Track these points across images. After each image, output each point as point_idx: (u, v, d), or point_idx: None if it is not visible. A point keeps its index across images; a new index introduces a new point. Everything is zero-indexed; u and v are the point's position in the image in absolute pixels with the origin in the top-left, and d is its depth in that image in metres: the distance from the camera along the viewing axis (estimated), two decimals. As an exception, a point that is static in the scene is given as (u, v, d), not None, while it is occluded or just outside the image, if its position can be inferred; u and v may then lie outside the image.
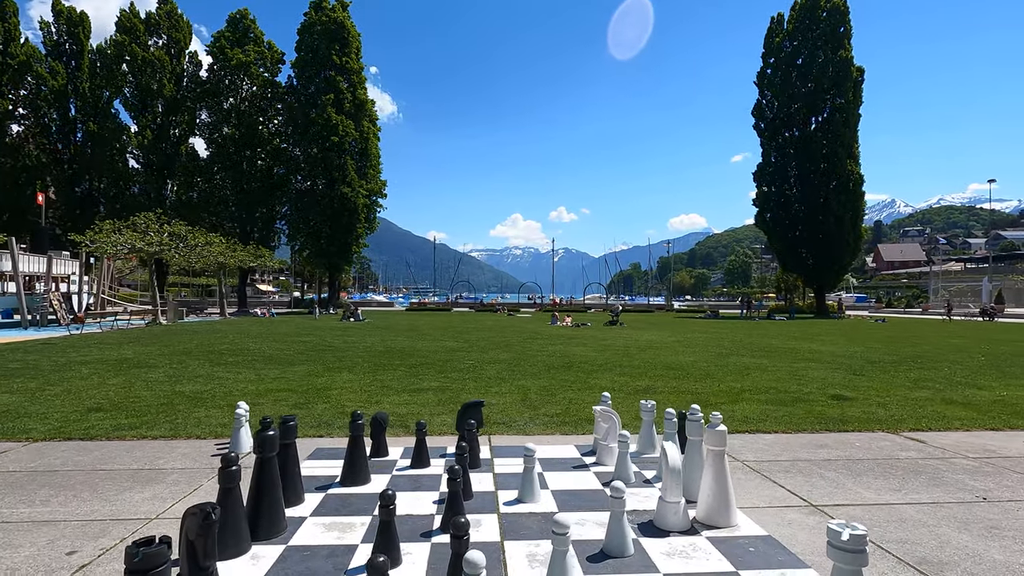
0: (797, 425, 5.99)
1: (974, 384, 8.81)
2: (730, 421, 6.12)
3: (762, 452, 4.99)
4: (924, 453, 4.99)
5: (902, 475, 4.35)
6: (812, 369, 10.40)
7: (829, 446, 5.21)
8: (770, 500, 3.79)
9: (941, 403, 7.22)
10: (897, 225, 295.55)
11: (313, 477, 4.16)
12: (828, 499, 3.81)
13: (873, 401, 7.31)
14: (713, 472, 3.40)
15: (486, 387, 8.17)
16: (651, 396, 7.57)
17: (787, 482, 4.16)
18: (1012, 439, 5.54)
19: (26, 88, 37.70)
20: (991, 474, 4.40)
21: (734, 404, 7.08)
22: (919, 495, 3.90)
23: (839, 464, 4.63)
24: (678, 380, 8.95)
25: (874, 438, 5.53)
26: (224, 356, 11.65)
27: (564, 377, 9.14)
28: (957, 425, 6.06)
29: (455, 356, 12.08)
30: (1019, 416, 6.49)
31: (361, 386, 8.15)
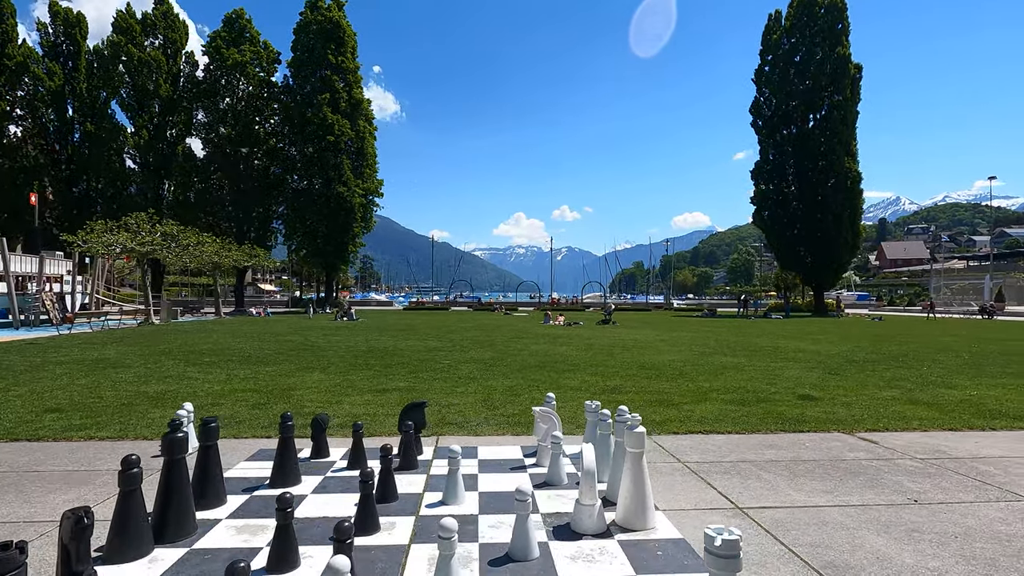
0: (754, 425, 5.95)
1: (947, 383, 8.74)
2: (688, 422, 6.08)
3: (709, 453, 4.95)
4: (872, 454, 4.94)
5: (841, 476, 4.30)
6: (789, 368, 10.34)
7: (779, 447, 5.17)
8: (697, 502, 3.75)
9: (907, 403, 7.16)
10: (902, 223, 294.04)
11: (245, 479, 4.16)
12: (756, 501, 3.77)
13: (839, 401, 7.25)
14: (631, 474, 3.37)
15: (453, 387, 8.15)
16: (618, 396, 7.55)
17: (722, 484, 4.12)
18: (965, 439, 5.48)
19: (23, 89, 37.86)
20: (932, 475, 4.35)
21: (698, 404, 7.04)
22: (850, 497, 3.86)
23: (782, 465, 4.59)
24: (649, 380, 8.91)
25: (827, 439, 5.49)
26: (202, 356, 11.66)
27: (535, 377, 9.11)
28: (915, 425, 6.00)
29: (434, 356, 12.07)
30: (981, 416, 6.43)
31: (328, 386, 8.14)
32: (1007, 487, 4.08)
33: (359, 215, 40.68)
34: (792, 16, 43.32)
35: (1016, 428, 5.95)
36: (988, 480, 4.24)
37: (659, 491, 3.96)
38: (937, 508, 3.67)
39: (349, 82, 40.53)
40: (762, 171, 44.62)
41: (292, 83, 41.27)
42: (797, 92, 42.79)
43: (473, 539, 3.15)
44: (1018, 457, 4.87)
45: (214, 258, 29.27)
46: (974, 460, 4.78)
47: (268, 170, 41.63)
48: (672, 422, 6.06)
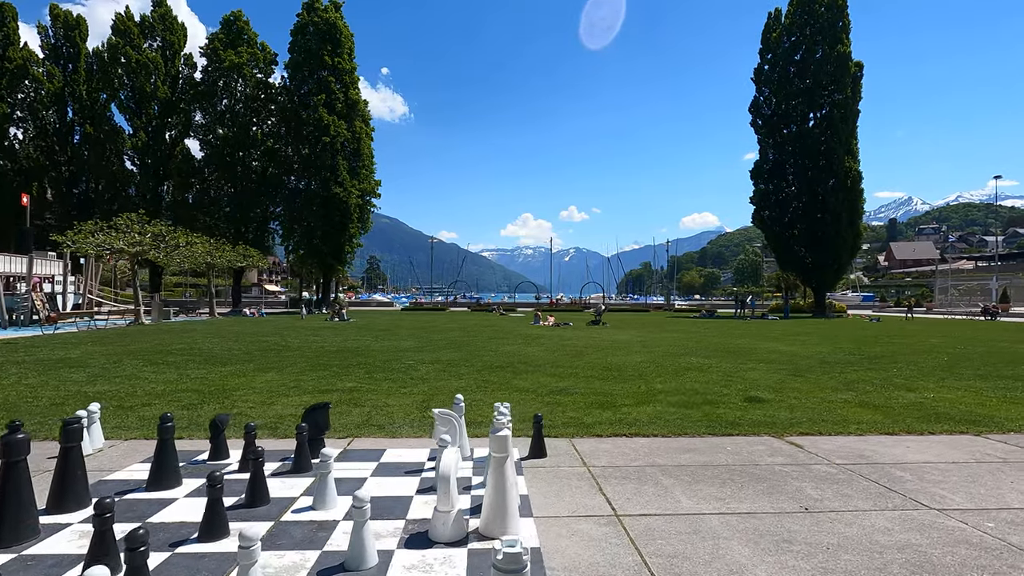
0: (684, 428, 5.79)
1: (910, 386, 8.51)
2: (619, 424, 5.94)
3: (621, 457, 4.81)
4: (791, 459, 4.78)
5: (744, 482, 4.15)
6: (754, 370, 10.14)
7: (698, 451, 5.01)
8: (577, 509, 3.62)
9: (856, 406, 6.96)
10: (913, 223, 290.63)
11: (124, 481, 4.07)
12: (639, 508, 3.63)
13: (786, 404, 7.07)
14: (492, 480, 3.25)
15: (400, 388, 8.04)
16: (562, 397, 7.42)
17: (615, 490, 3.98)
18: (897, 444, 5.30)
19: (23, 92, 38.25)
20: (841, 481, 4.18)
21: (640, 406, 6.88)
22: (741, 504, 3.70)
23: (689, 470, 4.44)
24: (603, 381, 8.76)
25: (753, 442, 5.32)
26: (168, 356, 11.64)
27: (490, 378, 8.98)
28: (853, 429, 5.82)
29: (401, 356, 11.98)
30: (926, 420, 6.23)
31: (274, 387, 8.06)
32: (912, 495, 3.91)
33: (356, 215, 40.74)
34: (792, 14, 42.88)
35: (956, 432, 5.75)
36: (896, 487, 4.07)
37: (547, 496, 3.84)
38: (825, 517, 3.51)
39: (346, 83, 40.61)
40: (761, 171, 44.19)
41: (289, 84, 41.42)
42: (797, 91, 42.33)
43: (318, 547, 3.04)
44: (941, 463, 4.69)
45: (207, 258, 29.39)
46: (894, 466, 4.61)
47: (266, 171, 41.79)
48: (602, 424, 5.91)
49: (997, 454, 4.98)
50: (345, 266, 43.39)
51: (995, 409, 6.83)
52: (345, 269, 44.77)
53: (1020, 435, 5.69)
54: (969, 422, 6.16)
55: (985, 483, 4.18)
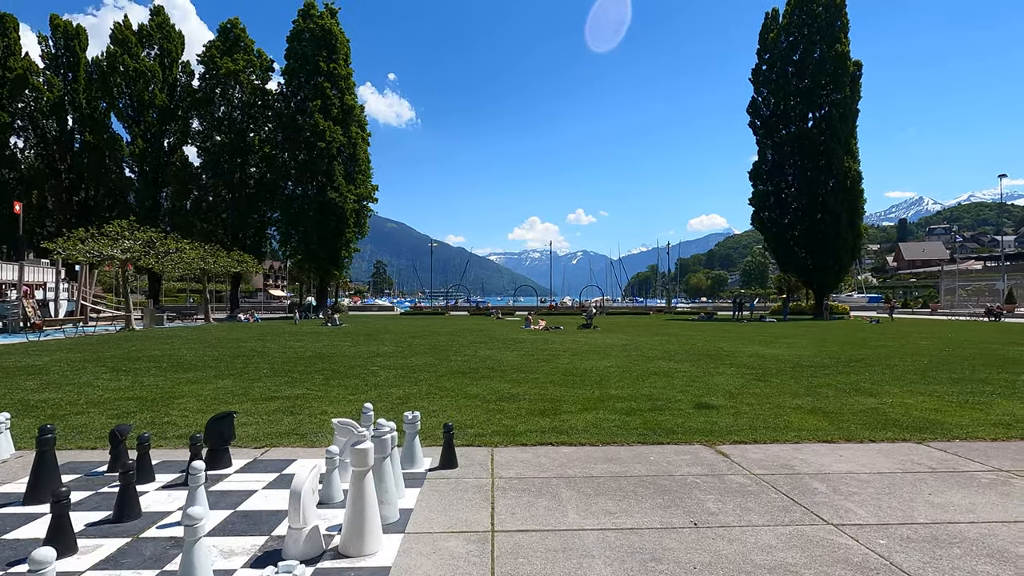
0: (617, 437, 5.63)
1: (873, 391, 8.27)
2: (551, 432, 5.79)
3: (534, 468, 4.65)
4: (710, 469, 4.60)
5: (646, 495, 3.98)
6: (720, 375, 9.93)
7: (618, 461, 4.85)
8: (454, 525, 3.47)
9: (807, 412, 6.76)
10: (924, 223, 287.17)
11: (4, 494, 3.97)
12: (521, 524, 3.48)
13: (735, 410, 6.88)
14: (351, 495, 3.12)
15: (349, 395, 7.93)
16: (510, 404, 7.27)
17: (506, 503, 3.83)
18: (831, 452, 5.10)
19: (23, 101, 38.72)
20: (749, 493, 4.01)
21: (583, 413, 6.73)
22: (631, 519, 3.54)
23: (598, 482, 4.28)
24: (559, 387, 8.60)
25: (680, 451, 5.15)
26: (134, 363, 11.61)
27: (445, 384, 8.85)
28: (791, 437, 5.63)
29: (369, 362, 11.87)
30: (874, 427, 6.02)
31: (221, 395, 7.97)
32: (816, 508, 3.73)
33: (352, 220, 40.79)
34: (789, 14, 42.55)
35: (898, 440, 5.55)
36: (804, 499, 3.89)
37: (432, 510, 3.70)
38: (712, 532, 3.34)
39: (341, 88, 40.74)
40: (760, 172, 43.82)
41: (286, 90, 41.62)
42: (795, 91, 41.96)
43: (160, 566, 2.92)
44: (865, 473, 4.50)
45: (200, 264, 29.52)
46: (814, 476, 4.42)
47: (263, 177, 41.99)
48: (533, 433, 5.76)
49: (929, 463, 4.77)
50: (342, 271, 43.44)
51: (950, 415, 6.60)
52: (344, 273, 44.81)
53: (964, 442, 5.48)
54: (917, 429, 5.95)
55: (901, 495, 3.99)
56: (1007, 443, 5.46)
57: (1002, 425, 6.10)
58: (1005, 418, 6.43)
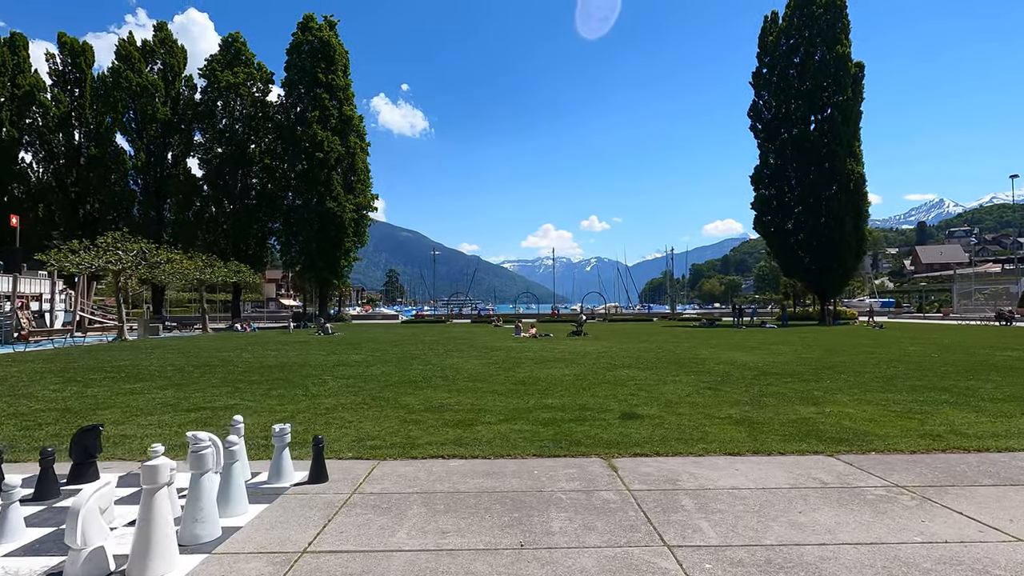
0: (517, 449, 5.44)
1: (821, 399, 7.95)
2: (452, 445, 5.61)
3: (404, 483, 4.48)
4: (586, 484, 4.39)
5: (499, 512, 3.80)
6: (675, 383, 9.65)
7: (498, 475, 4.66)
8: (269, 545, 3.32)
9: (733, 423, 6.49)
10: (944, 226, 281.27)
11: None
12: (339, 545, 3.31)
13: (661, 421, 6.64)
14: (139, 514, 2.98)
15: (279, 404, 7.84)
16: (433, 415, 7.11)
17: (344, 521, 3.67)
18: (729, 466, 4.85)
19: (30, 117, 39.68)
20: (606, 511, 3.79)
21: (500, 423, 6.54)
22: (461, 539, 3.36)
23: (457, 498, 4.10)
24: (499, 396, 8.41)
25: (570, 464, 4.94)
26: (96, 373, 11.65)
27: (384, 394, 8.72)
28: (699, 449, 5.39)
29: (328, 371, 11.78)
30: (793, 439, 5.74)
31: (153, 405, 7.93)
32: (664, 529, 3.50)
33: (351, 229, 41.02)
34: (789, 16, 42.09)
35: (811, 452, 5.27)
36: (660, 518, 3.67)
37: (261, 528, 3.57)
38: (531, 555, 3.14)
39: (340, 99, 41.13)
40: (762, 175, 43.22)
41: (286, 102, 42.12)
42: (796, 94, 41.41)
43: (-73, 589, 2.80)
44: (748, 488, 4.25)
45: (196, 274, 29.84)
46: (692, 492, 4.19)
47: (264, 188, 42.45)
48: (432, 445, 5.59)
49: (825, 478, 4.50)
50: (341, 280, 43.64)
51: (884, 426, 6.29)
52: (343, 282, 45.01)
53: (880, 455, 5.19)
54: (837, 440, 5.66)
55: (768, 513, 3.74)
56: (925, 455, 5.16)
57: (931, 436, 5.78)
58: (940, 428, 6.11)
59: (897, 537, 3.33)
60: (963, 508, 3.81)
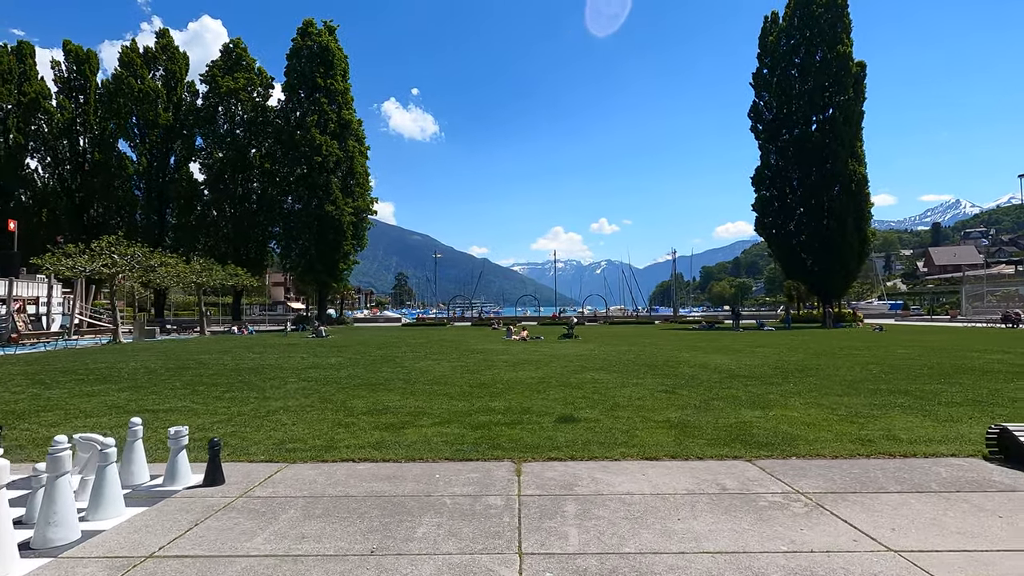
0: (434, 453, 5.37)
1: (774, 403, 7.79)
2: (369, 448, 5.55)
3: (303, 486, 4.43)
4: (480, 489, 4.31)
5: (370, 516, 3.73)
6: (633, 387, 9.52)
7: (397, 479, 4.59)
8: (120, 549, 3.28)
9: (668, 427, 6.36)
10: (960, 227, 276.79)
11: None
12: (193, 550, 3.26)
13: (595, 424, 6.53)
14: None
15: (226, 407, 7.84)
16: (372, 418, 7.06)
17: (212, 525, 3.62)
18: (640, 471, 4.74)
19: (36, 123, 40.38)
20: (485, 517, 3.71)
21: (433, 427, 6.48)
22: (316, 544, 3.29)
23: (342, 503, 4.04)
24: (449, 399, 8.34)
25: (477, 468, 4.87)
26: (67, 375, 11.76)
27: (336, 397, 8.69)
28: (618, 454, 5.28)
29: (297, 373, 11.77)
30: (719, 444, 5.61)
31: (101, 407, 7.96)
32: (531, 535, 3.42)
33: (350, 233, 41.20)
34: (789, 16, 41.72)
35: (729, 458, 5.14)
36: (533, 524, 3.58)
37: (129, 531, 3.55)
38: (376, 561, 3.09)
39: (339, 103, 41.39)
40: (763, 177, 42.80)
41: (286, 106, 42.45)
42: (797, 94, 40.99)
43: None
44: (643, 494, 4.14)
45: (193, 278, 30.12)
46: (583, 497, 4.09)
47: (265, 192, 42.80)
48: (350, 448, 5.53)
49: (728, 484, 4.38)
50: (340, 283, 43.82)
51: (820, 430, 6.13)
52: (342, 285, 45.20)
53: (800, 460, 5.05)
54: (765, 444, 5.52)
55: (647, 520, 3.64)
56: (846, 460, 5.01)
57: (863, 441, 5.62)
58: (876, 433, 5.94)
59: (763, 547, 3.21)
60: (852, 516, 3.68)
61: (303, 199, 40.68)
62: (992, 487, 4.24)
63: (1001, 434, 5.02)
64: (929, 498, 4.01)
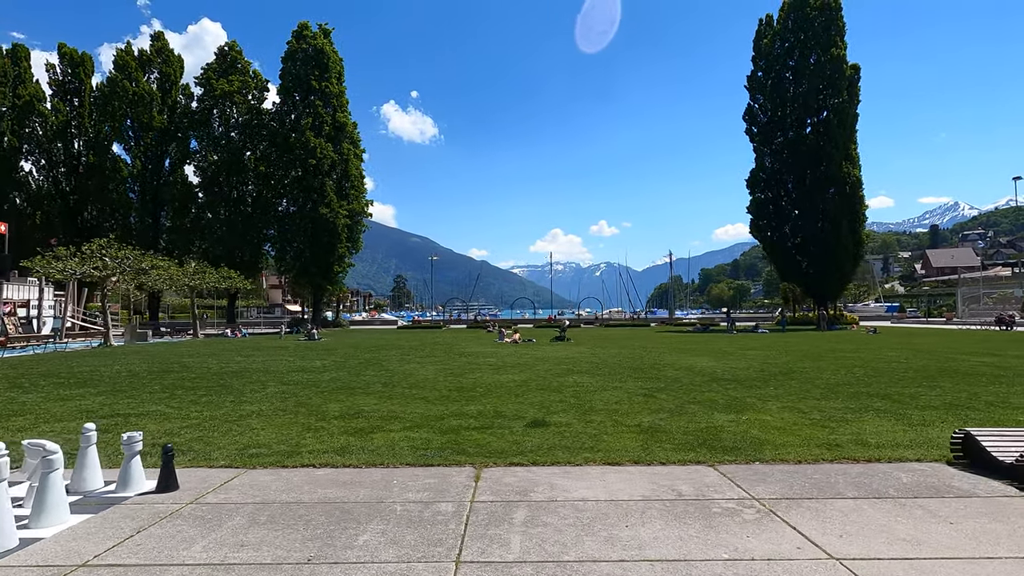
0: (396, 458, 5.33)
1: (746, 407, 7.75)
2: (331, 454, 5.51)
3: (257, 492, 4.39)
4: (434, 495, 4.27)
5: (315, 524, 3.68)
6: (613, 391, 9.49)
7: (353, 484, 4.55)
8: (55, 557, 3.24)
9: (637, 432, 6.33)
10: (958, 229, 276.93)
11: None
12: (127, 559, 3.22)
13: (566, 429, 6.50)
14: None
15: (200, 410, 7.79)
16: (344, 422, 7.01)
17: (156, 532, 3.58)
18: (600, 476, 4.71)
19: (30, 126, 40.36)
20: (432, 524, 3.67)
21: (403, 431, 6.45)
22: (255, 553, 3.25)
23: (292, 509, 4.00)
24: (426, 403, 8.31)
25: (436, 474, 4.82)
26: (46, 379, 11.72)
27: (312, 402, 8.66)
28: (582, 459, 5.25)
29: (279, 377, 11.73)
30: (685, 449, 5.58)
31: (69, 412, 7.94)
32: (473, 543, 3.38)
33: (344, 235, 41.18)
34: (783, 19, 41.81)
35: (692, 463, 5.10)
36: (479, 531, 3.54)
37: (70, 539, 3.52)
38: (312, 570, 3.06)
39: (333, 106, 41.42)
40: (758, 179, 42.85)
41: (282, 109, 42.46)
42: (792, 97, 41.07)
43: None
44: (596, 501, 4.10)
45: (184, 280, 30.07)
46: (535, 504, 4.05)
47: (259, 195, 42.78)
48: (313, 454, 5.49)
49: (686, 490, 4.34)
50: (335, 285, 43.77)
51: (788, 434, 6.09)
52: (337, 288, 45.16)
53: (764, 465, 5.02)
54: (731, 449, 5.49)
55: (594, 527, 3.60)
56: (809, 465, 4.97)
57: (830, 446, 5.59)
58: (845, 438, 5.90)
59: (705, 554, 3.17)
60: (802, 523, 3.64)
61: (297, 202, 40.70)
62: (949, 493, 4.20)
63: (965, 439, 4.98)
64: (884, 504, 3.97)
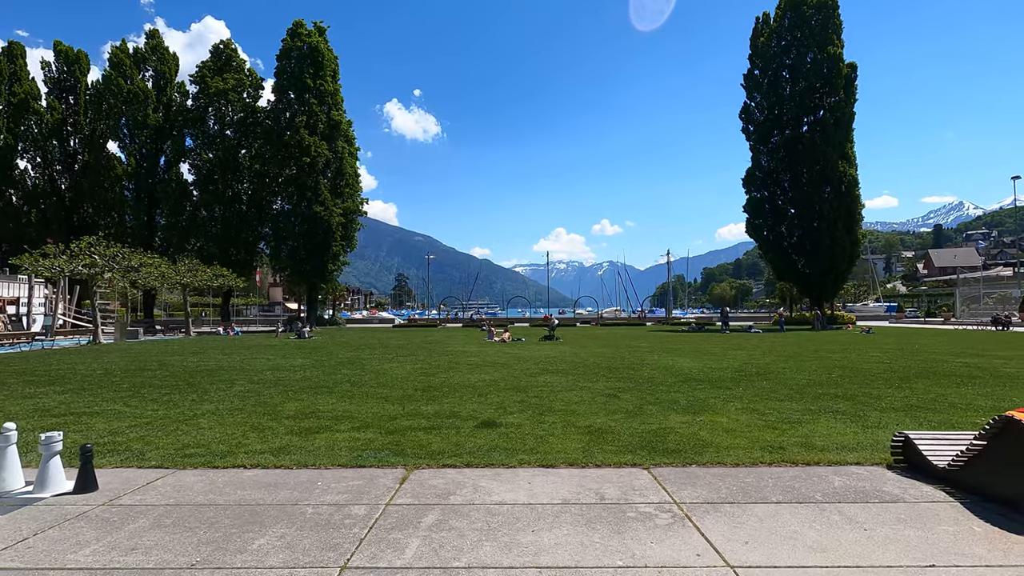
0: (333, 459, 5.26)
1: (705, 408, 7.66)
2: (271, 454, 5.45)
3: (180, 493, 4.34)
4: (352, 497, 4.20)
5: (221, 526, 3.62)
6: (579, 391, 9.40)
7: (279, 486, 4.49)
8: (-61, 560, 3.16)
9: (586, 433, 6.25)
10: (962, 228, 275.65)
11: None
12: (4, 562, 3.15)
13: (515, 429, 6.42)
14: None
15: (159, 409, 7.73)
16: (294, 422, 6.95)
17: (52, 535, 3.52)
18: (530, 479, 4.63)
19: (25, 124, 40.43)
20: (338, 528, 3.60)
21: (349, 432, 6.39)
22: (144, 557, 3.19)
23: (205, 511, 3.93)
24: (384, 403, 8.24)
25: (363, 475, 4.75)
26: (20, 377, 11.71)
27: (272, 400, 8.60)
28: (519, 461, 5.18)
29: (251, 375, 11.69)
30: (626, 451, 5.50)
31: (26, 411, 7.89)
32: (367, 548, 3.31)
33: (339, 234, 41.15)
34: (780, 17, 41.57)
35: (627, 465, 5.02)
36: (381, 535, 3.47)
37: None
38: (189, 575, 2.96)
39: (328, 104, 41.38)
40: (754, 178, 42.62)
41: (276, 107, 42.43)
42: (788, 95, 40.85)
43: None
44: (513, 505, 4.03)
45: (176, 278, 30.08)
46: (450, 507, 3.98)
47: (254, 193, 42.78)
48: (250, 454, 5.42)
49: (610, 492, 4.26)
50: (329, 284, 43.77)
51: (737, 436, 6.00)
52: (331, 286, 45.16)
53: (701, 467, 4.93)
54: (673, 451, 5.40)
55: (499, 532, 3.53)
56: (746, 469, 4.89)
57: (775, 448, 5.49)
58: (792, 440, 5.81)
59: (599, 561, 3.09)
60: (712, 528, 3.55)
61: (292, 200, 40.67)
62: (876, 498, 4.11)
63: (905, 443, 4.89)
64: (804, 509, 3.89)
